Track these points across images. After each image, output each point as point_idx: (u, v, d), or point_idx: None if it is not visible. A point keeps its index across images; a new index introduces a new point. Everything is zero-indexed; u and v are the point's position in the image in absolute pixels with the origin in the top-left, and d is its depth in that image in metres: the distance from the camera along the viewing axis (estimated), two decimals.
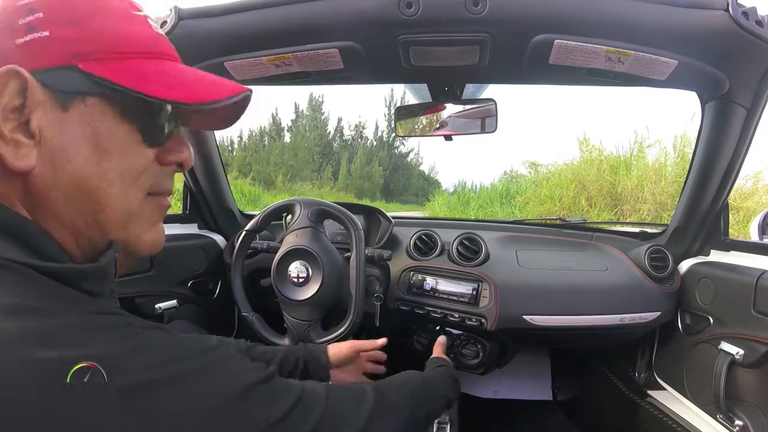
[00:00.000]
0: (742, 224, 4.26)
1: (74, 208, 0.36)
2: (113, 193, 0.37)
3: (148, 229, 0.42)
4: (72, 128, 0.35)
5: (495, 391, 1.46)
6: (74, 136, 0.35)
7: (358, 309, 0.93)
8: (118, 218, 0.38)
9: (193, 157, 0.45)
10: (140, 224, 0.40)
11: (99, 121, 0.36)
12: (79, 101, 0.35)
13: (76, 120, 0.35)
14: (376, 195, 24.17)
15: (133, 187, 0.39)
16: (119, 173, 0.37)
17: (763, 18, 0.66)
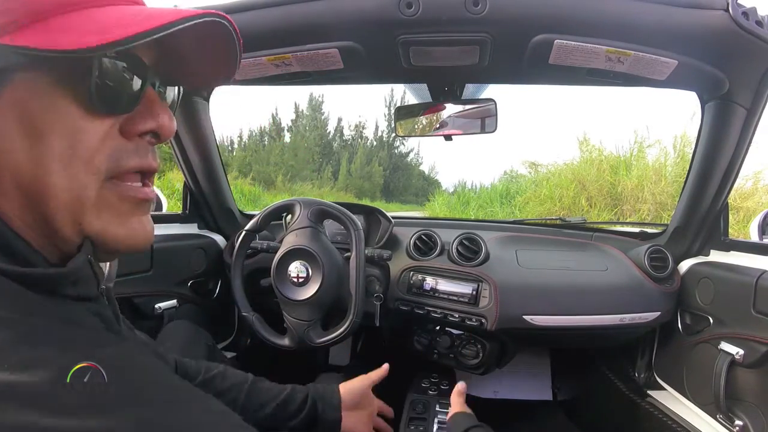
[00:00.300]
0: (742, 224, 4.26)
1: (17, 205, 0.31)
2: (53, 181, 0.31)
3: (117, 223, 0.34)
4: (5, 115, 0.30)
5: (495, 391, 1.46)
6: (6, 121, 0.30)
7: (358, 309, 0.93)
8: (67, 210, 0.32)
9: (174, 124, 0.37)
10: (101, 217, 0.33)
11: (30, 98, 0.30)
12: (7, 82, 0.30)
13: (6, 103, 0.30)
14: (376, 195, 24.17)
15: (81, 171, 0.32)
16: (58, 156, 0.31)
17: (763, 18, 0.66)
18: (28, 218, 0.32)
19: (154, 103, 0.35)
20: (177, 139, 1.11)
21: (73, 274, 0.32)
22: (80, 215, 0.32)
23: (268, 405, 0.72)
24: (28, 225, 0.32)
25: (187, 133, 1.09)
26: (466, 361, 1.10)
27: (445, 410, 1.01)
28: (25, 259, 0.31)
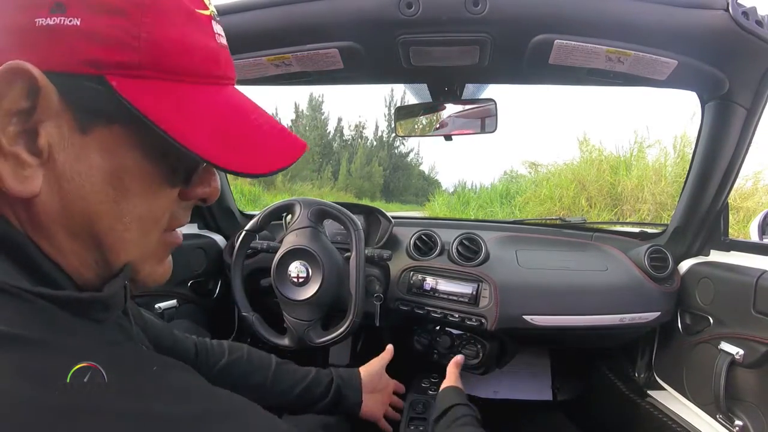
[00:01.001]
0: (742, 224, 4.26)
1: (81, 245, 0.30)
2: (129, 237, 0.31)
3: (157, 266, 0.36)
4: (90, 156, 0.28)
5: (495, 391, 1.46)
6: (91, 166, 0.28)
7: (358, 309, 0.93)
8: (131, 260, 0.33)
9: (219, 188, 0.38)
10: (150, 263, 0.35)
11: (124, 154, 0.29)
12: (104, 126, 0.28)
13: (96, 147, 0.28)
14: (376, 195, 24.17)
15: (152, 230, 0.33)
16: (139, 216, 0.31)
17: (763, 18, 0.66)
18: (89, 259, 0.31)
19: (210, 171, 0.36)
20: None
21: (110, 298, 0.31)
22: (141, 265, 0.34)
23: (296, 388, 0.74)
24: (81, 262, 0.31)
25: None
26: (466, 361, 1.10)
27: None
28: (51, 279, 0.29)
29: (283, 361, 0.77)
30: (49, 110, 0.26)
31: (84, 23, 0.26)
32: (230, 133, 0.31)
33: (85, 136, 0.28)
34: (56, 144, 0.27)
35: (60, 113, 0.27)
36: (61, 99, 0.26)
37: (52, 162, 0.27)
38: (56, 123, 0.27)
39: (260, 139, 0.32)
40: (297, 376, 0.76)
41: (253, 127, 0.33)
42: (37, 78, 0.25)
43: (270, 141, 0.33)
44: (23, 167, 0.27)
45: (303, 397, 0.74)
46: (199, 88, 0.30)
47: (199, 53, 0.30)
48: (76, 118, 0.27)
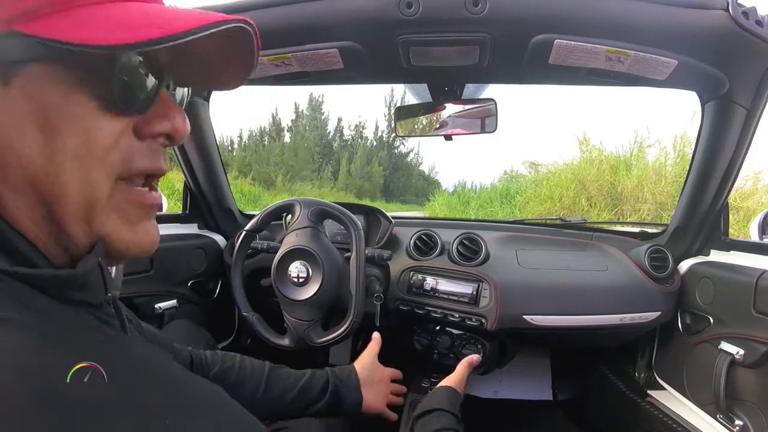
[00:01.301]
0: (742, 224, 4.26)
1: (26, 201, 0.30)
2: (66, 179, 0.30)
3: (125, 228, 0.34)
4: (14, 106, 0.29)
5: (495, 391, 1.46)
6: (17, 115, 0.29)
7: (358, 309, 0.93)
8: (78, 210, 0.31)
9: (188, 126, 0.36)
10: (111, 219, 0.33)
11: (47, 92, 0.29)
12: (24, 73, 0.29)
13: (18, 95, 0.29)
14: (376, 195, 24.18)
15: (95, 170, 0.31)
16: (72, 154, 0.30)
17: (763, 18, 0.66)
18: (37, 216, 0.30)
19: (170, 104, 0.35)
20: None
21: (83, 276, 0.31)
22: (91, 216, 0.32)
23: (289, 392, 0.73)
24: (35, 223, 0.30)
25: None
26: None
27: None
28: (28, 259, 0.30)
29: (277, 366, 0.76)
30: None
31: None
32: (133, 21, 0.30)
33: (9, 87, 0.28)
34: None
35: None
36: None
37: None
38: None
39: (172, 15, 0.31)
40: (291, 380, 0.75)
41: (167, 11, 0.32)
42: None
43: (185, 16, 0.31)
44: None
45: (298, 401, 0.74)
46: (101, 6, 0.30)
47: None
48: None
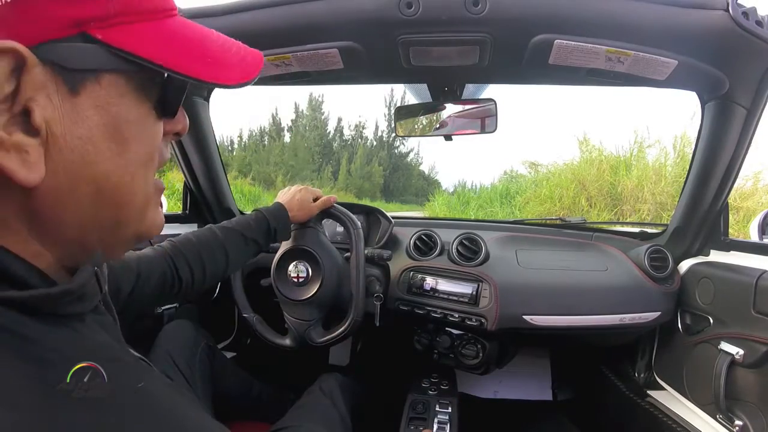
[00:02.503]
0: (742, 224, 4.26)
1: (89, 213, 0.30)
2: (136, 187, 0.31)
3: (156, 212, 0.36)
4: (86, 116, 0.28)
5: (495, 391, 1.46)
6: (90, 126, 0.28)
7: (359, 308, 0.93)
8: (138, 210, 0.33)
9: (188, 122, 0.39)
10: (151, 208, 0.35)
11: (117, 104, 0.29)
12: (93, 81, 0.28)
13: (89, 105, 0.28)
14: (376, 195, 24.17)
15: (151, 173, 0.33)
16: (141, 162, 0.31)
17: (763, 18, 0.66)
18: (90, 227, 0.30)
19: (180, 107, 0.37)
20: (177, 139, 1.11)
21: (79, 289, 0.30)
22: (144, 210, 0.34)
23: (244, 248, 0.83)
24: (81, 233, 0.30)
25: (187, 133, 1.09)
26: (466, 361, 1.10)
27: (445, 410, 1.01)
28: (22, 280, 0.28)
29: (219, 228, 0.82)
30: (36, 84, 0.25)
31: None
32: (206, 54, 0.33)
33: (78, 97, 0.27)
34: (51, 116, 0.26)
35: (47, 83, 0.26)
36: (45, 69, 0.26)
37: (52, 137, 0.26)
38: (46, 94, 0.26)
39: (228, 55, 0.35)
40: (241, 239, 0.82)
41: (219, 46, 0.35)
42: (21, 53, 0.24)
43: (236, 56, 0.35)
44: (27, 152, 0.25)
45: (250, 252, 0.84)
46: (163, 23, 0.31)
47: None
48: (65, 81, 0.27)
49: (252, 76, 0.35)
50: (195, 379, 0.85)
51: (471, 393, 1.44)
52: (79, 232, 0.30)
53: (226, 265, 0.81)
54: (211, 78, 0.32)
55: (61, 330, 0.29)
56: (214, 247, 0.79)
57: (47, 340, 0.27)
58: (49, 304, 0.28)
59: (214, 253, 0.79)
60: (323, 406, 0.87)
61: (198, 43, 0.33)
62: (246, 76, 0.35)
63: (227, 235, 0.81)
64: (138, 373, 0.31)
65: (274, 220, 0.87)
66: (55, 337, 0.28)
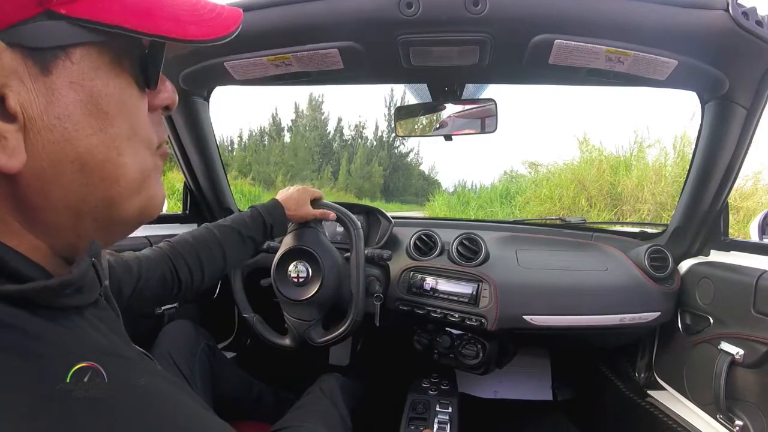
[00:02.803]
0: (742, 224, 4.26)
1: (77, 193, 0.29)
2: (125, 160, 0.31)
3: (158, 183, 0.35)
4: (61, 95, 0.27)
5: (495, 391, 1.46)
6: (66, 104, 0.27)
7: (359, 308, 0.93)
8: (133, 185, 0.32)
9: (176, 94, 0.38)
10: (152, 180, 0.34)
11: (91, 78, 0.28)
12: (63, 58, 0.27)
13: (63, 83, 0.27)
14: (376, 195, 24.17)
15: (142, 147, 0.32)
16: (127, 135, 0.31)
17: (763, 18, 0.66)
18: (83, 208, 0.30)
19: (162, 77, 0.36)
20: (177, 139, 1.11)
21: (79, 279, 0.30)
22: (142, 185, 0.33)
23: (242, 246, 0.83)
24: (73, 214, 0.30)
25: (187, 133, 1.09)
26: (466, 361, 1.10)
27: (445, 410, 1.01)
28: (20, 273, 0.28)
29: (215, 226, 0.82)
30: (6, 69, 0.25)
31: None
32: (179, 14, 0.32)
33: (50, 76, 0.27)
34: (25, 99, 0.26)
35: (17, 68, 0.26)
36: (13, 53, 0.25)
37: (29, 120, 0.26)
38: (17, 78, 0.26)
39: (202, 13, 0.34)
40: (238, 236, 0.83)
41: (191, 5, 0.33)
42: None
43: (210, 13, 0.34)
44: (6, 138, 0.25)
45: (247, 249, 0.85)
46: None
47: None
48: (35, 63, 0.26)
49: (228, 31, 0.34)
50: (195, 379, 0.85)
51: (471, 393, 1.44)
52: (71, 216, 0.30)
53: (224, 264, 0.81)
54: (184, 35, 0.31)
55: (60, 326, 0.29)
56: (212, 246, 0.79)
57: (47, 336, 0.27)
58: (48, 296, 0.28)
59: (212, 253, 0.79)
60: (323, 406, 0.87)
61: (168, 4, 0.32)
62: (222, 30, 0.33)
63: (224, 233, 0.81)
64: (139, 371, 0.30)
65: (270, 216, 0.87)
66: (54, 334, 0.28)
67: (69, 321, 0.30)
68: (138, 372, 0.30)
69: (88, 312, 0.33)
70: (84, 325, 0.31)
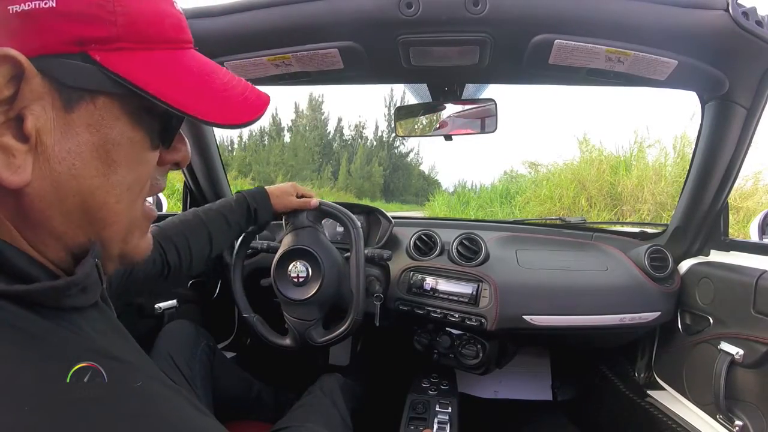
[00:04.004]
0: (742, 224, 4.26)
1: (74, 226, 0.31)
2: (121, 208, 0.32)
3: (142, 238, 0.37)
4: (77, 133, 0.28)
5: (495, 391, 1.46)
6: (79, 142, 0.29)
7: (360, 307, 0.93)
8: (122, 232, 0.34)
9: (190, 152, 0.40)
10: (137, 234, 0.36)
11: (110, 126, 0.30)
12: (88, 101, 0.29)
13: (82, 123, 0.29)
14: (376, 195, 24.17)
15: (139, 198, 0.34)
16: (128, 186, 0.32)
17: (763, 18, 0.66)
18: (79, 239, 0.31)
19: (180, 136, 0.38)
20: None
21: (83, 280, 0.31)
22: (129, 235, 0.35)
23: (228, 231, 0.85)
24: (68, 239, 0.31)
25: (186, 133, 1.09)
26: (466, 361, 1.10)
27: (445, 410, 1.01)
28: (27, 275, 0.29)
29: (200, 211, 0.83)
30: (33, 93, 0.26)
31: (60, 4, 0.26)
32: (205, 90, 0.33)
33: (71, 114, 0.28)
34: (43, 126, 0.27)
35: (43, 95, 0.27)
36: (43, 81, 0.27)
37: (41, 146, 0.27)
38: (41, 105, 0.27)
39: (231, 93, 0.34)
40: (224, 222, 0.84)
41: (222, 83, 0.34)
42: (22, 63, 0.25)
43: (239, 96, 0.35)
44: (14, 156, 0.26)
45: (232, 234, 0.87)
46: (170, 53, 0.32)
47: (166, 21, 0.32)
48: (61, 97, 0.28)
49: (251, 118, 0.34)
50: (195, 379, 0.85)
51: (471, 393, 1.44)
52: (67, 239, 0.31)
53: (210, 248, 0.82)
54: (204, 115, 0.32)
55: (62, 326, 0.29)
56: (199, 229, 0.80)
57: (50, 336, 0.27)
58: (54, 296, 0.29)
59: (199, 236, 0.80)
60: (324, 406, 0.87)
61: (199, 78, 0.33)
62: (243, 117, 0.34)
63: (210, 217, 0.83)
64: (137, 373, 0.31)
65: (254, 200, 0.89)
66: (57, 334, 0.28)
67: (70, 321, 0.30)
68: (136, 374, 0.30)
69: (88, 312, 0.33)
70: (84, 326, 0.31)
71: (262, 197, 0.90)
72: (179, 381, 0.81)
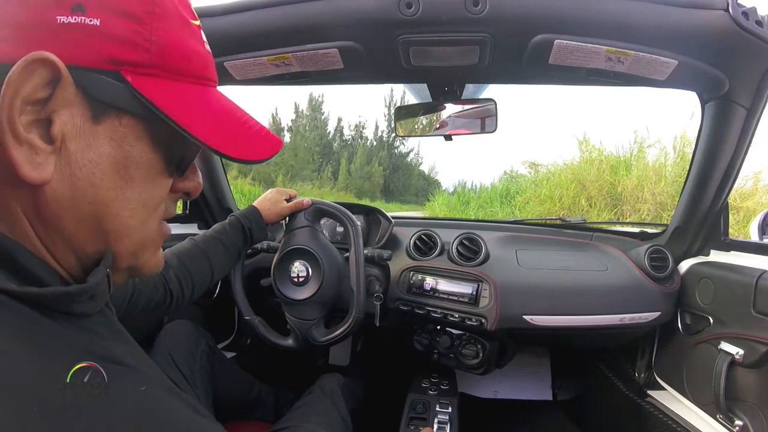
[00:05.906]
0: (742, 224, 4.26)
1: (86, 233, 0.32)
2: (132, 223, 0.33)
3: (153, 255, 0.39)
4: (100, 145, 0.30)
5: (495, 391, 1.46)
6: (101, 154, 0.30)
7: (360, 305, 0.93)
8: (133, 247, 0.35)
9: (201, 184, 0.42)
10: (149, 251, 0.38)
11: (131, 144, 0.31)
12: (114, 117, 0.30)
13: (106, 136, 0.30)
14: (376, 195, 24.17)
15: (152, 218, 0.36)
16: (142, 203, 0.34)
17: (763, 18, 0.66)
18: (88, 248, 0.32)
19: (193, 167, 0.40)
20: None
21: (95, 287, 0.32)
22: (141, 252, 0.36)
23: (226, 254, 0.87)
24: (78, 245, 0.32)
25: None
26: (466, 361, 1.10)
27: (445, 410, 1.01)
28: (39, 278, 0.30)
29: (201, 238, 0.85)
30: (65, 100, 0.28)
31: (103, 24, 0.28)
32: (225, 126, 0.35)
33: (97, 126, 0.30)
34: (69, 132, 0.29)
35: (74, 104, 0.29)
36: (77, 90, 0.28)
37: (65, 150, 0.29)
38: (70, 112, 0.29)
39: (249, 132, 0.37)
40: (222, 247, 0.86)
41: (241, 122, 0.37)
42: (60, 68, 0.27)
43: (255, 135, 0.38)
44: (37, 154, 0.28)
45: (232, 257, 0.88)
46: (195, 88, 0.34)
47: (196, 57, 0.34)
48: (90, 108, 0.29)
49: (266, 156, 0.37)
50: (195, 379, 0.85)
51: (471, 393, 1.44)
52: (79, 244, 0.32)
53: (212, 273, 0.84)
54: (221, 148, 0.34)
55: (67, 328, 0.30)
56: (198, 257, 0.82)
57: (54, 338, 0.28)
58: (65, 302, 0.30)
59: (199, 264, 0.81)
60: (324, 406, 0.87)
61: (221, 114, 0.35)
62: (260, 154, 0.36)
63: (207, 243, 0.85)
64: (139, 377, 0.31)
65: (248, 221, 0.91)
66: (61, 336, 0.29)
67: (75, 324, 0.31)
68: (139, 377, 0.31)
69: (94, 318, 0.34)
70: (88, 329, 0.32)
71: (254, 216, 0.92)
72: (179, 381, 0.81)
